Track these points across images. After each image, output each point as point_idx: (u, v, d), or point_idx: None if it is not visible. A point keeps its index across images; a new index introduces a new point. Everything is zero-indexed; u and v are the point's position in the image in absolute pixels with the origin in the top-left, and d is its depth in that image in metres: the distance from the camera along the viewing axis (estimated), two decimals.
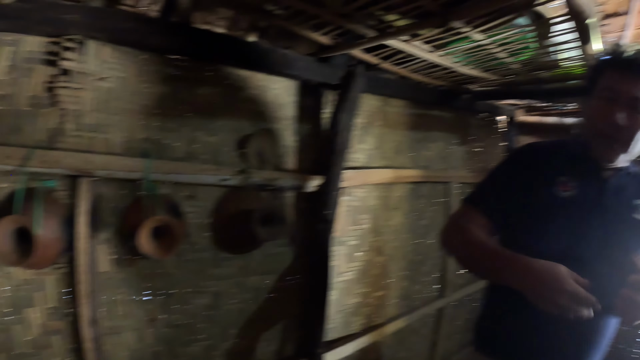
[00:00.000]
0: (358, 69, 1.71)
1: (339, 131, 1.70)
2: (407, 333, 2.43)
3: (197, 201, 1.39)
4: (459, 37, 1.38)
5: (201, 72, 1.39)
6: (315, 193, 1.74)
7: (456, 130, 2.74)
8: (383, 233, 2.18)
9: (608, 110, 0.98)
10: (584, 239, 1.03)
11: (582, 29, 1.25)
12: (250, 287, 1.59)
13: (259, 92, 1.56)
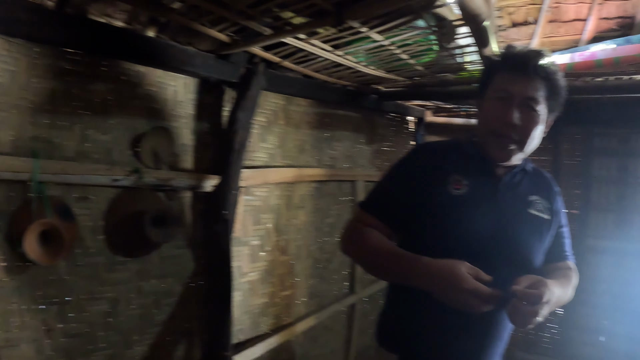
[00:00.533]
0: (258, 67, 1.91)
1: (237, 130, 1.90)
2: (319, 331, 2.71)
3: (90, 203, 1.48)
4: (358, 37, 1.61)
5: (96, 67, 1.49)
6: (213, 193, 1.91)
7: (363, 130, 3.15)
8: (287, 232, 2.44)
9: (503, 110, 1.13)
10: (481, 235, 1.15)
11: (478, 32, 1.47)
12: (150, 291, 1.71)
13: (157, 89, 1.70)
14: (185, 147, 1.86)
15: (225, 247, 1.92)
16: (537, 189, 1.27)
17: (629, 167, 3.31)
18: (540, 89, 1.14)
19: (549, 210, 1.25)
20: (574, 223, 3.26)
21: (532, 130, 1.14)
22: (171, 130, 1.77)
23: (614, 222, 3.34)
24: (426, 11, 1.41)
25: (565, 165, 3.51)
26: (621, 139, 3.34)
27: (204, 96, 1.92)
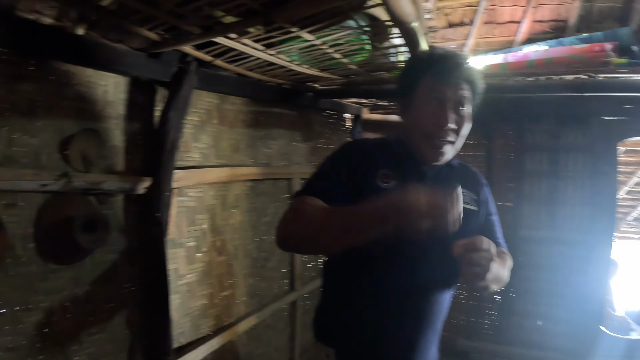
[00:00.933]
0: (190, 66, 2.03)
1: (168, 130, 2.02)
2: (262, 329, 2.93)
3: (18, 210, 1.55)
4: (288, 36, 1.75)
5: (23, 67, 1.54)
6: (146, 195, 2.02)
7: (300, 128, 3.37)
8: (223, 232, 2.60)
9: (439, 114, 1.24)
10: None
11: (407, 33, 1.61)
12: (85, 299, 1.80)
13: (86, 88, 1.78)
14: (116, 148, 1.95)
15: (159, 249, 2.05)
16: (464, 182, 1.35)
17: (559, 161, 3.78)
18: (467, 91, 1.29)
19: (476, 201, 1.41)
20: (508, 215, 3.77)
21: (464, 129, 1.29)
22: (101, 132, 1.86)
23: (546, 213, 3.81)
24: (355, 12, 1.54)
25: (499, 160, 3.95)
26: (552, 134, 3.79)
27: (136, 96, 2.02)
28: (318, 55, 2.12)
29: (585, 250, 3.64)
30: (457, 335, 3.97)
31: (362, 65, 2.35)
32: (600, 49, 3.05)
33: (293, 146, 3.30)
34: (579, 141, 3.71)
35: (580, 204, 3.69)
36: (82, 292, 1.80)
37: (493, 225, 1.48)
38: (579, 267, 3.65)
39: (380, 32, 1.92)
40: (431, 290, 1.35)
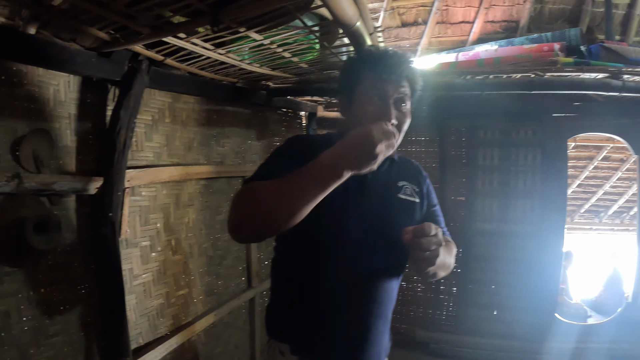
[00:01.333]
0: (140, 65, 2.13)
1: (119, 129, 2.11)
2: (221, 327, 3.07)
3: None
4: (237, 36, 1.87)
5: None
6: (98, 195, 2.11)
7: (254, 126, 3.52)
8: (178, 231, 2.72)
9: (382, 111, 1.33)
10: (355, 222, 1.36)
11: (350, 33, 1.72)
12: (41, 301, 1.88)
13: (37, 88, 1.85)
14: (68, 148, 2.03)
15: (113, 250, 2.15)
16: (405, 176, 1.54)
17: (511, 156, 4.11)
18: (407, 88, 1.40)
19: (418, 193, 1.53)
20: (461, 209, 4.05)
21: (405, 125, 1.40)
22: (52, 132, 1.94)
23: (498, 206, 4.12)
24: (301, 13, 1.64)
25: (452, 156, 4.24)
26: (503, 131, 4.12)
27: (87, 95, 2.10)
28: (268, 55, 2.26)
29: (537, 242, 3.95)
30: (416, 327, 4.23)
31: (313, 63, 2.51)
32: (548, 49, 3.37)
33: (247, 144, 3.44)
34: (530, 137, 4.04)
35: (532, 197, 4.01)
36: (37, 294, 1.87)
37: (436, 216, 1.60)
38: (532, 258, 3.97)
39: (330, 31, 2.06)
40: (379, 280, 1.43)
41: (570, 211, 7.93)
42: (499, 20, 4.30)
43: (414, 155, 4.31)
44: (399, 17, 4.51)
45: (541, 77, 2.97)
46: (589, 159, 6.92)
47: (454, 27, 4.41)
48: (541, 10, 4.26)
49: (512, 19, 4.27)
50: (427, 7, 4.36)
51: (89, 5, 1.51)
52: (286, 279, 1.51)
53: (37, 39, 1.73)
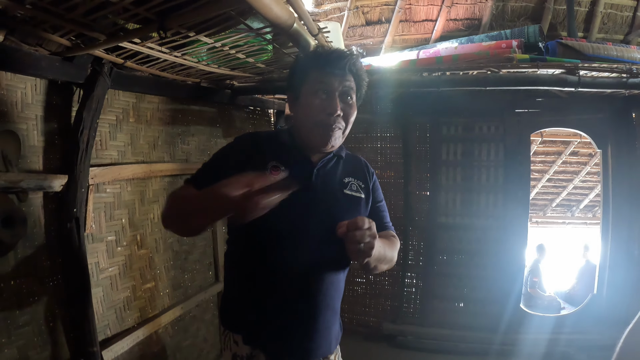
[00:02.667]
0: (102, 68, 2.32)
1: (82, 129, 2.30)
2: (189, 321, 3.29)
3: None
4: (188, 39, 2.04)
5: None
6: (63, 192, 2.30)
7: (220, 124, 3.75)
8: (143, 227, 2.93)
9: (327, 103, 1.47)
10: (300, 217, 1.45)
11: (289, 34, 1.82)
12: (10, 293, 2.07)
13: (5, 91, 2.03)
14: (35, 148, 2.22)
15: (78, 244, 2.34)
16: (352, 172, 1.65)
17: (474, 151, 4.36)
18: (352, 82, 1.52)
19: (364, 189, 1.63)
20: (425, 203, 4.30)
21: (351, 116, 1.53)
22: (19, 133, 2.12)
23: (462, 201, 4.38)
24: (245, 17, 1.76)
25: (416, 151, 4.49)
26: (465, 127, 4.38)
27: (53, 97, 2.30)
28: (223, 56, 2.45)
29: (501, 235, 4.21)
30: (383, 320, 4.48)
31: (270, 63, 2.71)
32: (506, 46, 3.56)
33: (213, 142, 3.65)
34: (493, 133, 4.30)
35: (494, 192, 4.28)
36: (6, 286, 2.06)
37: (381, 211, 1.71)
38: (496, 251, 4.23)
39: (278, 33, 2.17)
40: (326, 272, 1.53)
41: (542, 205, 8.29)
42: (461, 18, 4.53)
43: (379, 151, 4.56)
44: (363, 16, 4.73)
45: (496, 73, 3.15)
46: (557, 154, 7.22)
47: (417, 25, 4.63)
48: (503, 8, 4.48)
49: (474, 16, 4.49)
50: (390, 5, 4.57)
51: (46, 15, 1.68)
52: (237, 272, 1.62)
53: (4, 46, 1.90)
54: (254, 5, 1.43)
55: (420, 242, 4.44)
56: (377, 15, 4.72)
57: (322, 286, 1.52)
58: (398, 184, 4.52)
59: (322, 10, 4.81)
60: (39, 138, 2.25)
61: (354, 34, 4.82)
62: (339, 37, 3.72)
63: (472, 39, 4.12)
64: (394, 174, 4.57)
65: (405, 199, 4.43)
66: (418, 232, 4.42)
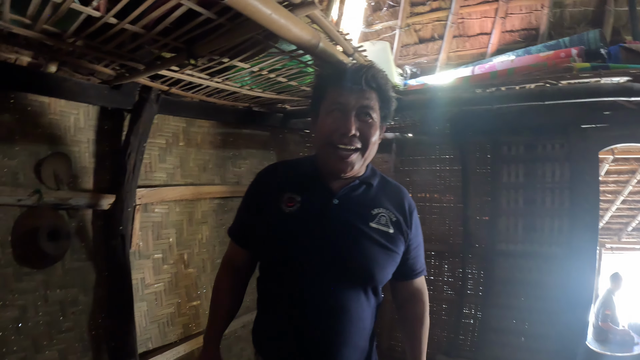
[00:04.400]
0: (149, 95, 2.53)
1: (130, 153, 2.52)
2: (233, 340, 3.39)
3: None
4: (224, 65, 2.15)
5: (4, 101, 2.05)
6: (110, 210, 2.51)
7: (273, 147, 3.90)
8: (190, 246, 3.10)
9: (341, 121, 1.36)
10: (313, 251, 1.37)
11: (318, 55, 1.80)
12: (56, 300, 2.28)
13: (59, 117, 2.29)
14: (86, 169, 2.46)
15: (122, 260, 2.54)
16: (384, 203, 1.50)
17: (537, 172, 4.03)
18: (373, 99, 1.40)
19: (395, 224, 1.48)
20: (485, 229, 4.11)
21: (371, 136, 1.39)
22: (72, 155, 2.37)
23: (524, 226, 4.06)
24: (274, 41, 1.81)
25: (476, 173, 4.26)
26: (527, 146, 4.07)
27: (104, 122, 2.54)
28: (264, 80, 2.54)
29: (566, 264, 3.82)
30: (437, 352, 4.24)
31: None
32: (565, 55, 3.31)
33: (265, 165, 3.76)
34: (557, 151, 3.95)
35: (560, 216, 3.92)
36: (52, 294, 2.27)
37: (415, 257, 1.60)
38: (560, 282, 3.83)
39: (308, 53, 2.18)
40: (342, 307, 1.41)
41: (617, 230, 7.55)
42: (517, 29, 4.31)
43: (438, 174, 4.41)
44: (415, 34, 4.68)
45: (555, 85, 2.89)
46: (631, 172, 6.55)
47: (472, 39, 4.47)
48: (561, 15, 4.20)
49: (531, 26, 4.26)
50: (442, 21, 4.49)
51: (86, 49, 1.89)
52: (261, 299, 1.59)
53: (55, 77, 2.15)
54: (271, 28, 1.44)
55: (479, 271, 4.19)
56: (429, 32, 4.65)
57: (339, 322, 1.41)
58: (457, 209, 4.32)
59: (373, 30, 4.85)
60: (90, 160, 2.49)
61: (407, 53, 4.77)
62: (387, 57, 3.72)
63: (529, 50, 3.88)
64: (453, 197, 4.37)
65: (464, 225, 4.22)
66: (477, 260, 4.17)
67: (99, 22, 1.57)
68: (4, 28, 1.60)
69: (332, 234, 1.40)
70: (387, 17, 4.82)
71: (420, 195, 4.47)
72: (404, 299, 1.71)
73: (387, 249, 1.45)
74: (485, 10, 4.40)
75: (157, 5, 1.47)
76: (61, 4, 1.42)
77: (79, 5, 1.45)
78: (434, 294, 4.36)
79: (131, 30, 1.66)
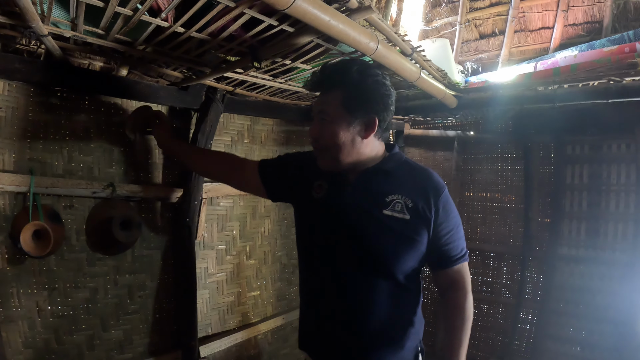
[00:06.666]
0: (215, 95, 2.53)
1: None
2: (289, 331, 3.33)
3: (75, 210, 2.12)
4: (286, 67, 2.12)
5: (80, 102, 2.11)
6: (178, 203, 2.54)
7: None
8: (253, 239, 3.07)
9: (311, 126, 1.47)
10: (331, 236, 1.42)
11: (376, 58, 1.81)
12: (124, 284, 2.33)
13: None
14: (156, 164, 2.49)
15: (188, 249, 2.55)
16: (399, 189, 1.44)
17: (602, 174, 3.68)
18: (331, 99, 1.41)
19: (412, 210, 1.40)
20: (546, 232, 3.82)
21: (329, 134, 1.40)
22: (143, 150, 2.41)
23: (587, 230, 3.72)
24: (333, 43, 1.75)
25: (539, 173, 3.95)
26: (593, 146, 3.72)
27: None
28: None
29: (628, 272, 3.48)
30: (490, 356, 4.02)
31: None
32: (630, 50, 2.97)
33: None
34: (623, 152, 3.60)
35: (625, 220, 3.56)
36: (121, 278, 2.32)
37: (450, 243, 1.48)
38: (623, 291, 3.49)
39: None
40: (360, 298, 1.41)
41: None
42: (580, 23, 3.95)
43: (499, 173, 4.14)
44: (475, 30, 4.42)
45: (619, 82, 2.64)
46: None
47: (534, 34, 4.15)
48: (625, 7, 3.78)
49: (594, 19, 3.89)
50: (503, 15, 4.21)
51: (156, 55, 1.91)
52: (302, 297, 1.65)
53: (126, 80, 2.18)
54: (329, 33, 1.40)
55: (539, 275, 3.90)
56: (490, 28, 4.38)
57: (359, 312, 1.40)
58: (519, 210, 4.03)
59: (432, 27, 4.65)
60: (160, 156, 2.51)
61: (469, 49, 4.52)
62: (447, 54, 3.54)
63: (592, 44, 3.55)
64: (514, 198, 4.09)
65: (525, 226, 3.95)
66: (537, 264, 3.88)
67: (167, 31, 1.60)
68: (78, 38, 1.64)
69: (345, 221, 1.41)
70: (447, 13, 4.61)
71: (481, 194, 4.24)
72: (444, 287, 1.58)
73: (403, 236, 1.39)
74: (546, 3, 4.10)
75: (222, 15, 1.46)
76: (132, 16, 1.44)
77: (149, 17, 1.46)
78: (491, 296, 4.14)
79: (197, 37, 1.67)
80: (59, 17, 1.48)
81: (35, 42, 1.77)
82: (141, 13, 1.41)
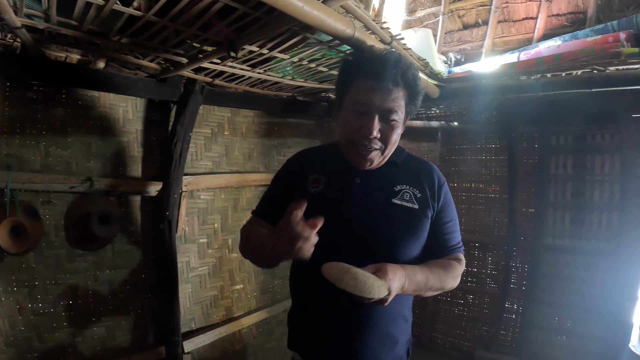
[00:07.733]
0: (194, 87, 2.56)
1: (176, 142, 2.57)
2: (274, 325, 3.40)
3: (53, 206, 2.15)
4: (264, 57, 2.13)
5: (57, 96, 2.14)
6: (157, 197, 2.58)
7: (319, 136, 3.86)
8: (235, 232, 3.12)
9: (364, 123, 1.32)
10: (337, 229, 1.34)
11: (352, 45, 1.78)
12: (105, 280, 2.37)
13: (109, 109, 2.36)
14: (135, 158, 2.52)
15: (169, 243, 2.59)
16: (408, 179, 1.46)
17: (586, 164, 3.75)
18: (398, 98, 1.33)
19: (420, 199, 1.43)
20: (531, 222, 3.90)
21: (392, 137, 1.37)
22: (121, 144, 2.44)
23: (571, 220, 3.80)
24: (311, 32, 1.77)
25: (523, 164, 4.03)
26: (576, 136, 3.79)
27: (152, 113, 2.59)
28: (304, 70, 2.50)
29: (613, 261, 3.56)
30: (477, 346, 4.10)
31: None
32: (613, 40, 3.05)
33: None
34: (607, 142, 3.67)
35: (609, 210, 3.64)
36: (102, 274, 2.36)
37: (448, 233, 1.50)
38: (606, 280, 3.58)
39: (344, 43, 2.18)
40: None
41: None
42: (564, 13, 3.96)
43: (484, 164, 4.23)
44: (459, 20, 4.44)
45: (602, 72, 2.65)
46: None
47: (517, 24, 4.17)
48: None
49: (578, 10, 3.90)
50: (486, 6, 4.23)
51: (132, 46, 1.93)
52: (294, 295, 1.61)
53: (103, 72, 2.20)
54: (304, 20, 1.42)
55: (524, 265, 4.00)
56: (473, 18, 4.40)
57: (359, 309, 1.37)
58: (503, 200, 4.11)
59: (415, 17, 4.67)
60: (139, 149, 2.55)
61: (452, 40, 4.53)
62: (430, 44, 3.57)
63: (576, 35, 3.56)
64: (498, 188, 4.17)
65: (510, 216, 4.03)
66: (522, 254, 3.99)
67: (140, 20, 1.62)
68: (52, 30, 1.66)
69: (354, 212, 1.38)
70: (430, 4, 4.61)
71: (466, 185, 4.31)
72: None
73: (410, 226, 1.40)
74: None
75: (195, 2, 1.49)
76: (104, 5, 1.46)
77: (121, 6, 1.48)
78: (476, 286, 4.24)
79: (172, 27, 1.69)
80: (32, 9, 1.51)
81: (11, 35, 1.79)
82: (113, 2, 1.44)
